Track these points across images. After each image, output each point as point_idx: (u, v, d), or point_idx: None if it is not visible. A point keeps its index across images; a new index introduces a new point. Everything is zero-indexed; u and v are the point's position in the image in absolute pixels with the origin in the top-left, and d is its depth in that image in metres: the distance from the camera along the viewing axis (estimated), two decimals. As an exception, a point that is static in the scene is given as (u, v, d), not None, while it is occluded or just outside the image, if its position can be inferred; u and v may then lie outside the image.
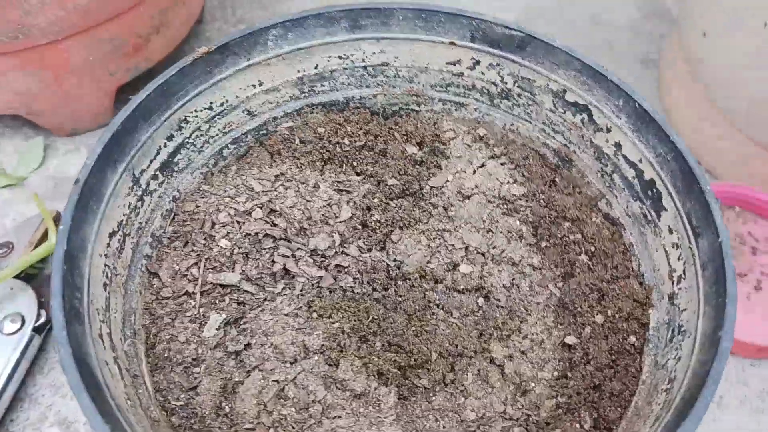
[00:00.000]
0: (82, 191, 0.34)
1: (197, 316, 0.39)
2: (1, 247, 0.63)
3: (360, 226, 0.45)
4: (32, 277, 0.63)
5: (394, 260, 0.45)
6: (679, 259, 0.38)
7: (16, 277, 0.60)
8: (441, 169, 0.48)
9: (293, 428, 0.35)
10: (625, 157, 0.43)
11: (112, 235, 0.37)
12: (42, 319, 0.58)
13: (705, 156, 0.64)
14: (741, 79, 0.57)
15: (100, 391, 0.29)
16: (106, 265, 0.36)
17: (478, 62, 0.47)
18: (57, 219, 0.64)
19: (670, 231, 0.39)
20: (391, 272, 0.44)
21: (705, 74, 0.63)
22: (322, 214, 0.44)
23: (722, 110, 0.61)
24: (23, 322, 0.57)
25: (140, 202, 0.40)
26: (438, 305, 0.43)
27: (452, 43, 0.46)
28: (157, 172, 0.42)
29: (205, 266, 0.40)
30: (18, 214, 0.69)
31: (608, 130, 0.44)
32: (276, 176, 0.45)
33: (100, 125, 0.78)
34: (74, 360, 0.29)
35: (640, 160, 0.42)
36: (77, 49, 0.67)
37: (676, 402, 0.31)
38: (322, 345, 0.38)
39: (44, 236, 0.64)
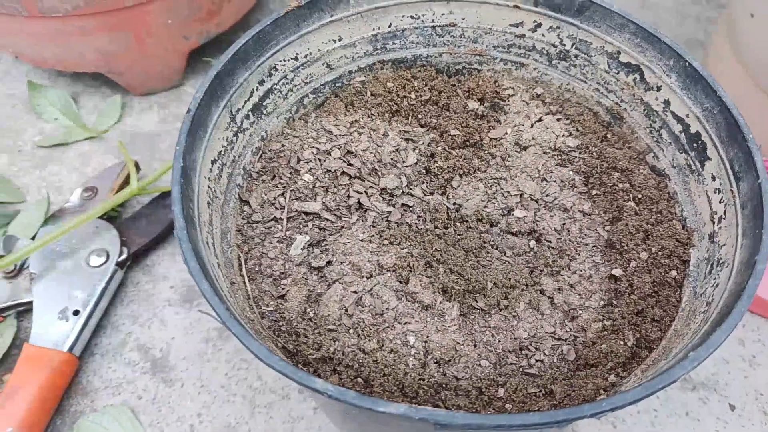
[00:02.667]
0: (192, 119, 0.39)
1: (284, 237, 0.44)
2: (87, 191, 0.69)
3: (424, 171, 0.50)
4: (114, 218, 0.69)
5: (454, 203, 0.49)
6: (720, 202, 0.42)
7: (101, 217, 0.66)
8: (500, 123, 0.52)
9: (370, 330, 0.40)
10: (673, 113, 0.47)
11: (213, 162, 0.42)
12: (124, 255, 0.64)
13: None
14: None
15: (213, 281, 0.34)
16: (209, 187, 0.41)
17: (539, 25, 0.51)
18: (137, 167, 0.70)
19: (713, 178, 0.43)
20: (450, 214, 0.49)
21: (751, 56, 0.65)
22: (392, 158, 0.49)
23: (767, 92, 0.64)
24: (108, 257, 0.63)
25: (235, 137, 0.45)
26: (493, 245, 0.48)
27: (516, 7, 0.51)
28: (250, 113, 0.47)
29: (290, 196, 0.45)
30: (98, 164, 0.76)
31: (658, 89, 0.48)
32: (350, 123, 0.50)
33: (173, 86, 0.84)
34: (193, 253, 0.34)
35: (687, 115, 0.45)
36: (159, 13, 0.73)
37: (713, 317, 0.35)
38: (395, 264, 0.43)
39: (125, 183, 0.70)
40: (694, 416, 0.58)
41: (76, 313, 0.59)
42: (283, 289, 0.42)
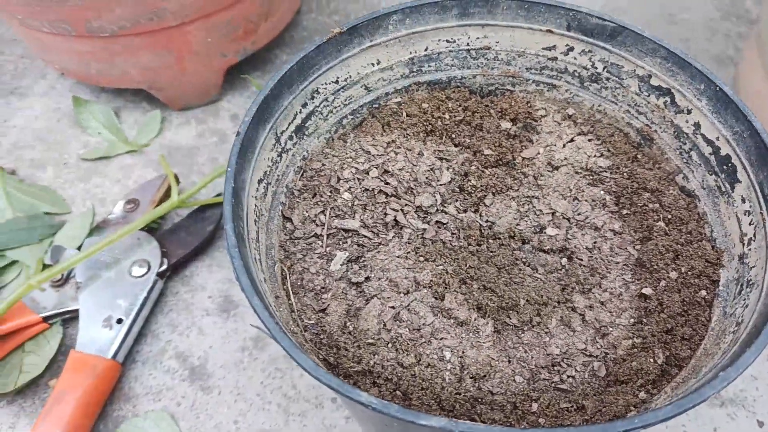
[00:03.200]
0: (242, 142, 0.42)
1: (324, 253, 0.46)
2: (129, 203, 0.72)
3: (458, 189, 0.52)
4: (155, 230, 0.72)
5: (487, 221, 0.51)
6: (750, 224, 0.43)
7: (142, 229, 0.69)
8: (532, 143, 0.54)
9: (408, 345, 0.42)
10: (703, 135, 0.48)
11: (260, 181, 0.45)
12: (164, 266, 0.67)
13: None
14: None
15: (263, 297, 0.36)
16: (255, 205, 0.43)
17: (571, 48, 0.53)
18: (176, 180, 0.73)
19: (743, 200, 0.44)
20: (483, 231, 0.50)
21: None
22: (426, 177, 0.51)
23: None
24: (149, 267, 0.66)
25: (279, 158, 0.47)
26: (525, 263, 0.49)
27: (549, 31, 0.52)
28: (293, 134, 0.49)
29: (330, 214, 0.47)
30: (139, 176, 0.78)
31: (689, 112, 0.49)
32: (387, 143, 0.52)
33: (209, 101, 0.87)
34: (245, 270, 0.36)
35: (717, 138, 0.47)
36: (199, 32, 0.75)
37: (742, 338, 0.36)
38: (430, 281, 0.45)
39: (165, 195, 0.73)
40: (723, 432, 0.59)
41: (119, 321, 0.62)
42: (324, 303, 0.44)
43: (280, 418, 0.59)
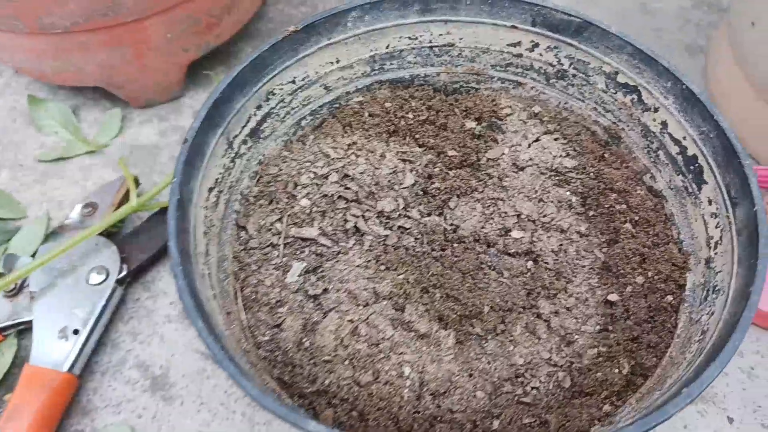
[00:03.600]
0: (189, 150, 0.39)
1: (281, 264, 0.44)
2: (86, 207, 0.69)
3: (421, 193, 0.50)
4: (114, 234, 0.69)
5: (451, 224, 0.49)
6: (716, 227, 0.42)
7: (101, 234, 0.66)
8: (497, 143, 0.52)
9: (365, 361, 0.40)
10: (670, 134, 0.47)
11: (210, 190, 0.43)
12: (123, 272, 0.64)
13: (749, 142, 0.67)
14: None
15: (209, 319, 0.35)
16: (205, 216, 0.41)
17: (537, 45, 0.51)
18: (136, 182, 0.70)
19: (710, 202, 0.43)
20: (447, 235, 0.49)
21: (751, 63, 0.65)
22: (389, 181, 0.49)
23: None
24: (107, 274, 0.63)
25: (232, 164, 0.45)
26: (490, 266, 0.47)
27: (514, 27, 0.51)
28: (247, 138, 0.47)
29: (287, 222, 0.46)
30: (99, 178, 0.76)
31: (656, 110, 0.47)
32: (348, 145, 0.50)
33: (172, 98, 0.84)
34: (188, 290, 0.34)
35: (684, 138, 0.45)
36: (158, 27, 0.72)
37: (707, 349, 0.35)
38: (391, 292, 0.43)
39: (125, 198, 0.70)
40: (693, 429, 0.58)
41: (75, 332, 0.59)
42: (279, 318, 0.42)
43: (246, 427, 0.58)
